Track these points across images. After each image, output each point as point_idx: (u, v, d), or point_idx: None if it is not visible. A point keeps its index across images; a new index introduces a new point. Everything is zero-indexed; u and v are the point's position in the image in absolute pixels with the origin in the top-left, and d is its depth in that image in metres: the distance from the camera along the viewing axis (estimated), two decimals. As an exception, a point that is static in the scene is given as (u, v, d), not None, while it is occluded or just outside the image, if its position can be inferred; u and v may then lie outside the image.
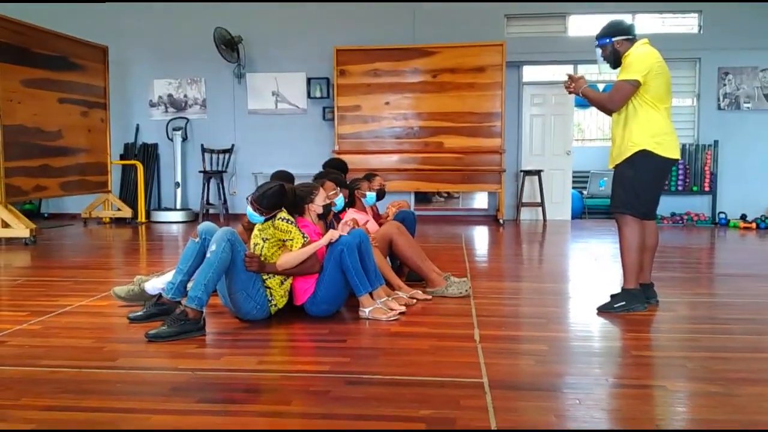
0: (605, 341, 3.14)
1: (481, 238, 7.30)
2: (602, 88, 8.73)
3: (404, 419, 2.09)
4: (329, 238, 3.29)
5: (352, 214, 4.08)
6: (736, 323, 3.37)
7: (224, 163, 8.91)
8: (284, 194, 3.28)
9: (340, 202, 3.85)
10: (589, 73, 8.90)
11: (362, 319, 3.34)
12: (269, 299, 3.26)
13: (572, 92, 3.67)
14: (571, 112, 8.93)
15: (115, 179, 8.65)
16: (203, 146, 8.82)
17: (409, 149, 8.40)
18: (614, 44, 3.52)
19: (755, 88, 8.40)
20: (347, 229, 3.36)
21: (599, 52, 3.61)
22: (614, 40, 3.51)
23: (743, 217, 8.22)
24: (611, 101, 3.49)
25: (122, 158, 9.05)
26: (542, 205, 8.58)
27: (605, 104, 3.55)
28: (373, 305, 3.36)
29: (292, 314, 3.40)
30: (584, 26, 8.65)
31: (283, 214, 3.28)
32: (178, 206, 8.90)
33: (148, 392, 2.37)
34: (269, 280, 3.26)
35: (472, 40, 8.24)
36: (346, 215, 4.00)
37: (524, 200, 8.67)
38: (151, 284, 3.57)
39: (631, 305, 3.50)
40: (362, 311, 3.36)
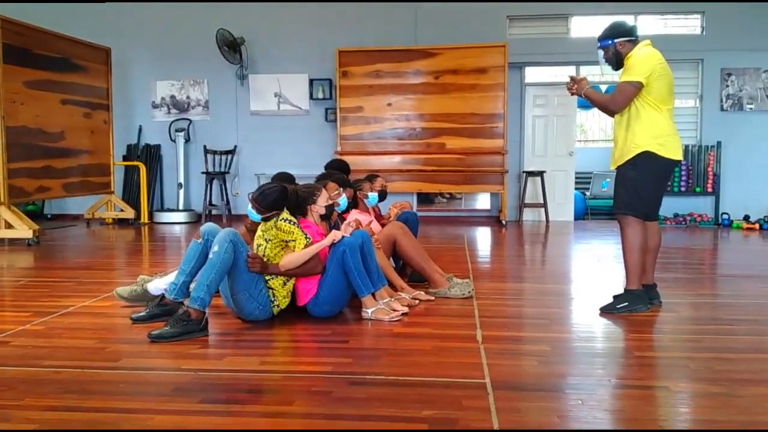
0: (608, 342, 3.14)
1: (483, 239, 7.29)
2: (605, 89, 8.71)
3: (407, 420, 2.09)
4: (332, 238, 3.29)
5: (355, 214, 4.08)
6: (739, 324, 3.36)
7: (227, 164, 8.93)
8: (284, 196, 3.29)
9: (343, 202, 3.84)
10: (591, 74, 8.89)
11: (365, 319, 3.35)
12: (272, 300, 3.26)
13: (574, 94, 3.67)
14: (573, 113, 8.92)
15: (117, 180, 8.67)
16: (206, 147, 8.84)
17: (411, 150, 8.40)
18: (616, 46, 3.52)
19: (758, 89, 8.39)
20: (350, 230, 3.37)
21: (601, 53, 3.61)
22: (616, 41, 3.51)
23: (746, 218, 8.20)
24: (614, 103, 3.49)
25: (125, 159, 9.07)
26: (545, 206, 8.58)
27: (608, 106, 3.55)
28: (375, 306, 3.36)
29: (294, 315, 3.40)
30: (586, 27, 8.65)
31: (285, 215, 3.28)
32: (180, 207, 8.92)
33: (150, 392, 2.38)
34: (272, 280, 3.26)
35: (474, 41, 8.24)
36: (349, 216, 4.00)
37: (527, 201, 8.67)
38: (153, 285, 3.58)
39: (633, 306, 3.49)
40: (365, 312, 3.36)
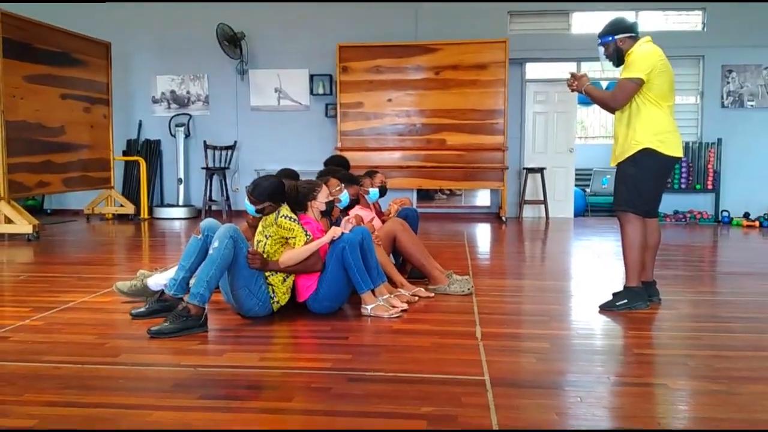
0: (607, 339, 3.14)
1: (483, 235, 7.30)
2: (605, 85, 8.70)
3: (406, 416, 2.09)
4: (331, 235, 3.29)
5: (357, 211, 4.08)
6: (738, 321, 3.37)
7: (227, 159, 8.92)
8: (279, 187, 3.30)
9: (345, 198, 3.84)
10: (592, 70, 8.87)
11: (364, 316, 3.35)
12: (271, 296, 3.26)
13: (575, 90, 3.66)
14: (574, 109, 8.90)
15: (117, 175, 8.66)
16: (206, 143, 8.82)
17: (411, 146, 8.39)
18: (617, 42, 3.51)
19: (759, 86, 8.37)
20: (349, 226, 3.36)
21: (602, 50, 3.60)
22: (617, 38, 3.50)
23: (746, 215, 8.20)
24: (614, 99, 3.48)
25: (125, 154, 9.06)
26: (545, 202, 8.57)
27: (608, 102, 3.54)
28: (375, 302, 3.36)
29: (294, 311, 3.40)
30: (587, 23, 8.63)
31: (286, 211, 3.28)
32: (180, 203, 8.92)
33: (150, 388, 2.38)
34: (271, 277, 3.26)
35: (474, 37, 8.22)
36: (351, 212, 3.99)
37: (527, 198, 8.66)
38: (153, 280, 3.59)
39: (633, 303, 3.49)
40: (364, 308, 3.36)
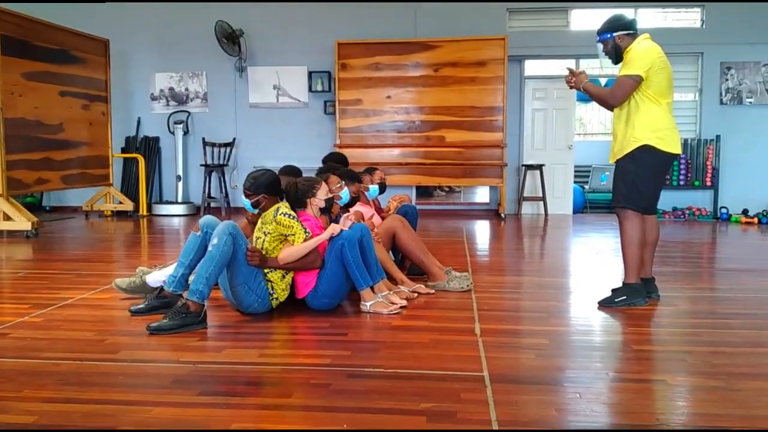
0: (606, 335, 3.15)
1: (482, 232, 7.30)
2: (604, 82, 8.70)
3: (405, 412, 2.09)
4: (330, 232, 3.29)
5: (357, 208, 4.08)
6: (736, 318, 3.37)
7: (225, 156, 8.91)
8: (272, 180, 3.33)
9: (345, 196, 3.83)
10: (591, 67, 8.87)
11: (363, 312, 3.35)
12: (270, 292, 3.27)
13: (573, 87, 3.65)
14: (573, 106, 8.90)
15: (116, 172, 8.66)
16: (204, 140, 8.81)
17: (410, 143, 8.39)
18: (615, 39, 3.50)
19: (757, 83, 8.38)
20: (348, 223, 3.36)
21: (600, 47, 3.59)
22: (615, 35, 3.50)
23: (745, 212, 8.21)
24: (613, 96, 3.48)
25: (123, 151, 9.05)
26: (544, 199, 8.57)
27: (607, 99, 3.54)
28: (374, 299, 3.37)
29: (293, 307, 3.41)
30: (586, 20, 8.62)
31: (285, 209, 3.28)
32: (179, 200, 8.91)
33: (149, 385, 2.38)
34: (270, 273, 3.26)
35: (473, 34, 8.21)
36: (352, 209, 3.99)
37: (526, 194, 8.66)
38: (152, 277, 3.59)
39: (632, 300, 3.50)
40: (363, 305, 3.37)
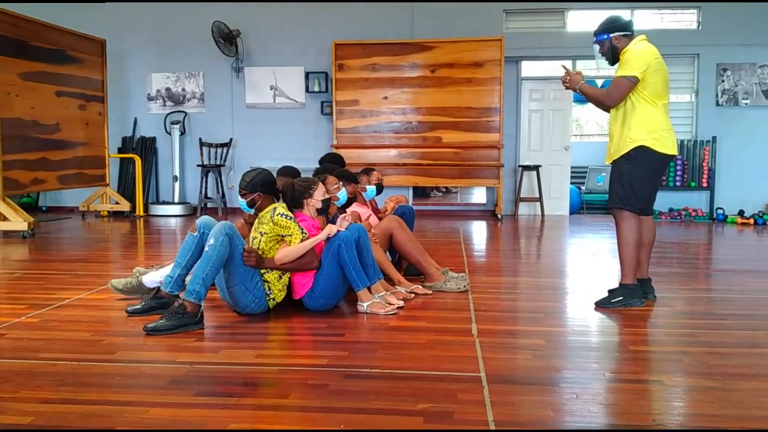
0: (602, 336, 3.15)
1: (479, 233, 7.30)
2: (601, 83, 8.72)
3: (402, 413, 2.09)
4: (327, 232, 3.29)
5: (354, 208, 4.08)
6: (733, 319, 3.38)
7: (222, 157, 8.90)
8: (266, 179, 3.36)
9: (343, 196, 3.83)
10: (587, 68, 8.88)
11: (360, 313, 3.35)
12: (267, 293, 3.27)
13: (569, 88, 3.66)
14: (569, 107, 8.92)
15: (113, 173, 8.63)
16: (201, 140, 8.81)
17: (407, 144, 8.40)
18: (612, 40, 3.51)
19: (753, 84, 8.40)
20: (345, 224, 3.36)
21: (597, 48, 3.60)
22: (612, 36, 3.50)
23: (741, 212, 8.23)
24: (609, 97, 3.48)
25: (120, 152, 9.03)
26: (540, 200, 8.58)
27: (603, 100, 3.54)
28: (371, 300, 3.37)
29: (290, 308, 3.40)
30: (583, 22, 8.64)
31: (282, 209, 3.28)
32: (176, 200, 8.90)
33: (146, 385, 2.38)
34: (267, 274, 3.26)
35: (470, 35, 8.23)
36: (349, 210, 3.99)
37: (522, 195, 8.68)
38: (149, 277, 3.59)
39: (628, 300, 3.51)
40: (360, 305, 3.37)
